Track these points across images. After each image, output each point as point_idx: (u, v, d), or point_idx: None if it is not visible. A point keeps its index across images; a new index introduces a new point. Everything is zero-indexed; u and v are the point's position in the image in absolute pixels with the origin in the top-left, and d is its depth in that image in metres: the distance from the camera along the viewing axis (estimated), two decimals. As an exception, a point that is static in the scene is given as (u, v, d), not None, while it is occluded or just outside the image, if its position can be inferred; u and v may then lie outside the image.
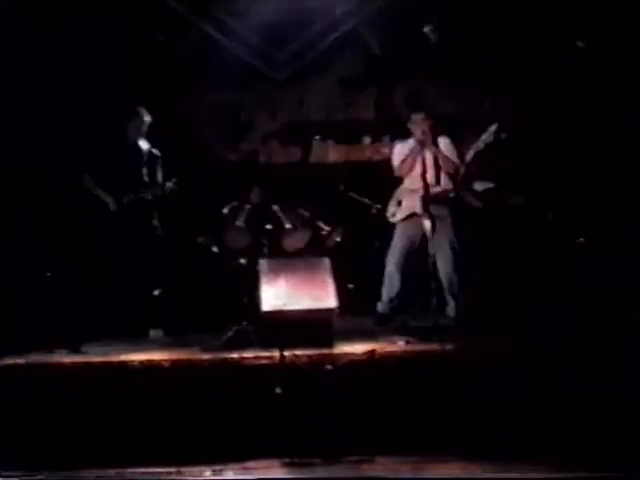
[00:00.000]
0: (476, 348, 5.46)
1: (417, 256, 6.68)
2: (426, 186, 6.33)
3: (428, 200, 6.33)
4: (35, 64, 7.57)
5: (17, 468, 4.78)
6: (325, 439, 4.85)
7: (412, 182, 6.71)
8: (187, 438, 4.94)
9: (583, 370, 5.09)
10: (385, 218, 7.20)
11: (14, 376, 5.42)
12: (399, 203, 6.91)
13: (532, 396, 4.95)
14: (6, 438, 4.94)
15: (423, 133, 6.62)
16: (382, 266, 6.96)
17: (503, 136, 6.90)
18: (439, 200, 6.58)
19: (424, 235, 6.44)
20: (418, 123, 6.74)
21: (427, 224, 6.28)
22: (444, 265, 6.61)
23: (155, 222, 6.79)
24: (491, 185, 7.11)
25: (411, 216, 6.73)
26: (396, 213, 6.93)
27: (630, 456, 4.47)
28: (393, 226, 7.03)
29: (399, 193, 6.95)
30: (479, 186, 7.15)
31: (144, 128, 6.85)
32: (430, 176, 6.53)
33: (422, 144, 6.58)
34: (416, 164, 6.63)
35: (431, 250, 6.29)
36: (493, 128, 6.73)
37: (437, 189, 6.61)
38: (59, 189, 7.29)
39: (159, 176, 6.81)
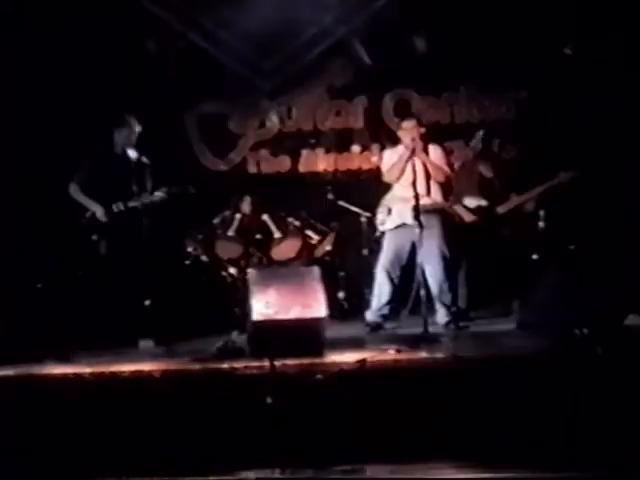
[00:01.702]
0: (466, 355, 5.46)
1: (406, 264, 6.69)
2: (416, 195, 6.33)
3: (418, 210, 6.34)
4: (25, 69, 7.56)
5: (8, 480, 4.78)
6: (316, 448, 4.84)
7: (402, 190, 6.71)
8: (178, 449, 4.93)
9: (577, 372, 5.12)
10: (374, 226, 7.21)
11: (3, 388, 5.40)
12: (389, 211, 6.91)
13: (523, 400, 4.97)
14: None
15: (413, 140, 6.62)
16: (372, 274, 6.97)
17: (494, 142, 6.94)
18: (429, 210, 6.59)
19: (413, 243, 6.45)
20: (408, 130, 6.74)
21: (416, 232, 6.28)
22: (434, 273, 6.62)
23: (144, 231, 6.77)
24: (483, 203, 7.12)
25: (401, 225, 6.73)
26: (385, 221, 6.93)
27: (628, 456, 4.50)
28: (382, 234, 7.04)
29: (388, 200, 6.94)
30: (470, 202, 7.15)
31: (133, 137, 6.84)
32: (420, 184, 6.54)
33: (412, 151, 6.58)
34: (405, 171, 6.63)
35: (420, 258, 6.30)
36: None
37: (427, 200, 6.62)
38: (46, 200, 7.26)
39: (148, 185, 6.80)
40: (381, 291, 6.79)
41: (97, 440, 5.03)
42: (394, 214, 6.83)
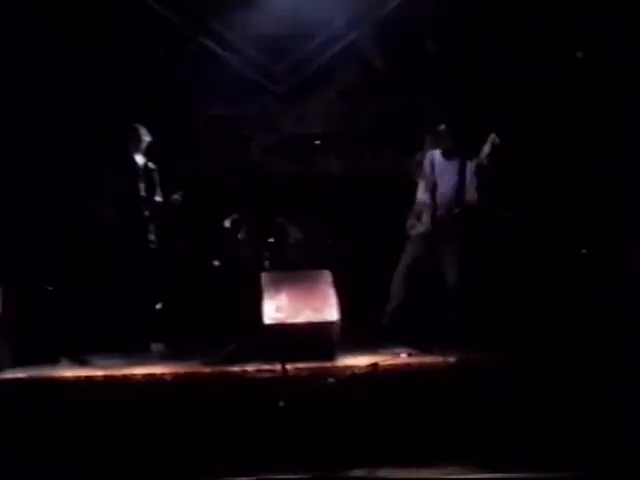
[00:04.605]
0: (479, 360, 5.47)
1: (425, 270, 6.66)
2: (438, 203, 6.36)
3: (442, 215, 6.35)
4: (33, 71, 7.59)
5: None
6: (328, 452, 4.85)
7: (430, 196, 6.71)
8: (190, 451, 4.94)
9: (580, 377, 5.14)
10: (389, 230, 7.19)
11: (17, 390, 5.42)
12: (418, 217, 6.86)
13: (533, 405, 4.99)
14: (9, 452, 4.94)
15: (446, 147, 6.66)
16: (385, 278, 6.95)
17: (497, 140, 6.92)
18: (453, 216, 6.59)
19: (434, 249, 6.43)
20: (444, 136, 6.78)
21: (439, 238, 6.30)
22: (452, 279, 6.59)
23: (152, 237, 6.79)
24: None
25: (425, 232, 6.70)
26: (415, 225, 6.86)
27: (628, 457, 4.52)
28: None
29: (419, 205, 6.90)
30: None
31: (142, 145, 6.87)
32: (448, 192, 6.56)
33: (447, 158, 6.62)
34: (438, 178, 6.65)
35: (439, 264, 6.29)
36: (492, 138, 6.74)
37: (454, 208, 6.63)
38: (59, 204, 7.27)
39: (157, 190, 6.83)
40: (397, 295, 6.76)
41: (108, 442, 5.04)
42: (423, 220, 6.79)
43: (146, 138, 6.89)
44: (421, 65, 8.29)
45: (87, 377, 5.54)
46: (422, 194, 6.82)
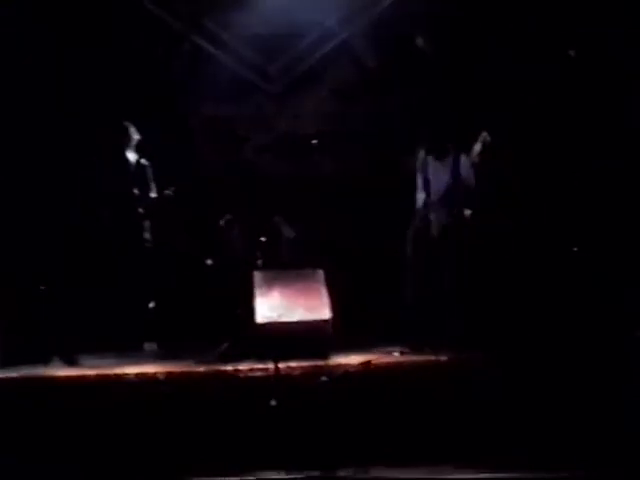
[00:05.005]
0: (471, 359, 5.47)
1: (425, 270, 6.66)
2: (436, 199, 6.36)
3: (439, 215, 6.36)
4: (37, 75, 7.61)
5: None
6: (321, 450, 4.84)
7: (430, 195, 6.73)
8: (182, 451, 4.94)
9: (580, 377, 5.13)
10: (384, 230, 7.18)
11: (9, 390, 5.42)
12: (420, 219, 6.85)
13: (533, 405, 4.98)
14: (2, 452, 4.94)
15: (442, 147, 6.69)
16: (378, 278, 6.95)
17: (488, 139, 6.92)
18: (453, 215, 6.60)
19: (436, 249, 6.44)
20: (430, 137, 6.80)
21: (437, 238, 6.31)
22: (450, 279, 6.59)
23: (147, 235, 6.80)
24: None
25: (425, 231, 6.71)
26: (419, 229, 6.85)
27: (628, 457, 4.51)
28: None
29: (418, 207, 6.90)
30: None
31: (133, 143, 6.90)
32: (442, 189, 6.58)
33: (441, 158, 6.64)
34: (431, 176, 6.66)
35: (437, 264, 6.30)
36: (483, 136, 6.74)
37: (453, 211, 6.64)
38: (54, 203, 7.28)
39: (151, 186, 6.85)
40: (406, 295, 6.75)
41: (102, 442, 5.04)
42: (423, 220, 6.78)
43: (135, 136, 6.92)
44: (415, 64, 8.27)
45: (80, 377, 5.54)
46: (419, 193, 6.82)
